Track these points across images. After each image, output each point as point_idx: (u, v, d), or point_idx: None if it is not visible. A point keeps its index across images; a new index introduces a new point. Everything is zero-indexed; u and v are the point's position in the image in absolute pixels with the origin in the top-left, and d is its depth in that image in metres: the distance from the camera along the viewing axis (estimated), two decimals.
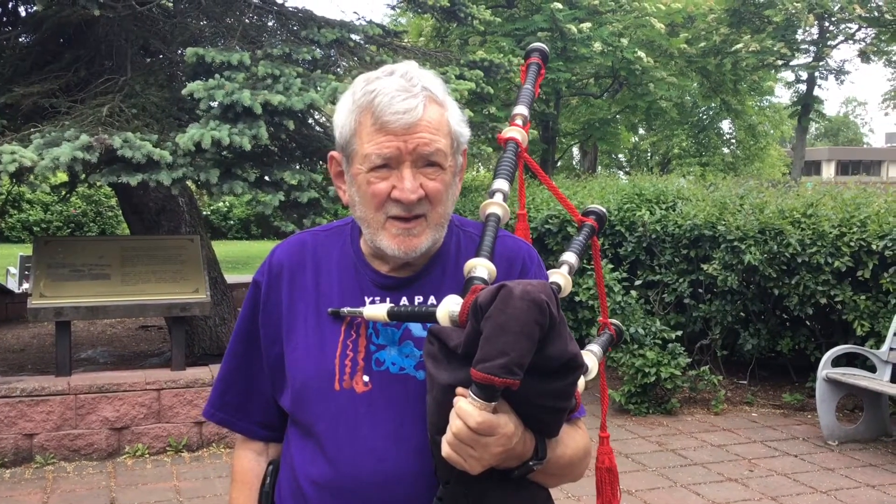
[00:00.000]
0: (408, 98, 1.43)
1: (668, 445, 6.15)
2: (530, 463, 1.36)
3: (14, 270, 11.53)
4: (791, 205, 7.19)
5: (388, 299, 1.53)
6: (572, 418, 1.53)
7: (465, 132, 1.54)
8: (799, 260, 6.69)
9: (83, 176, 6.74)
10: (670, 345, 6.93)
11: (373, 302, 1.53)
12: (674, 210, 8.10)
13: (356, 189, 1.50)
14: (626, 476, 5.47)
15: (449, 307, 1.36)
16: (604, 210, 1.72)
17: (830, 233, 6.61)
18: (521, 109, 1.68)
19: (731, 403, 7.27)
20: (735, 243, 7.04)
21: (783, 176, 29.47)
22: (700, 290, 7.57)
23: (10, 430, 5.51)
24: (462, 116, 1.54)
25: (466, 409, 1.25)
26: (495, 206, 1.53)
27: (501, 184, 1.57)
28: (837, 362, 6.42)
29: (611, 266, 7.33)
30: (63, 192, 9.43)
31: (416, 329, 1.51)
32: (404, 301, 1.53)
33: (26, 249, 12.61)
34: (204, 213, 23.72)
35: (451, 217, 1.60)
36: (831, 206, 7.03)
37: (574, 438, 1.51)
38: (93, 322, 10.36)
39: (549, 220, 8.14)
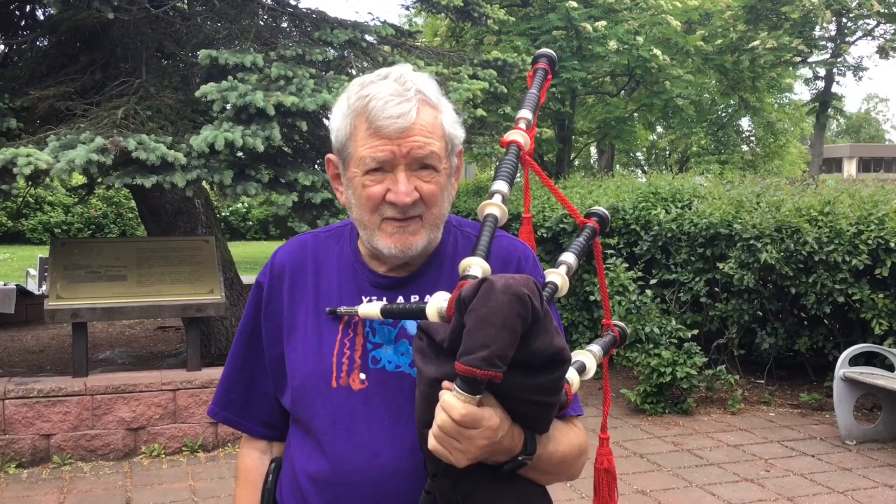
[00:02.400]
0: (401, 102, 1.45)
1: (684, 445, 6.11)
2: (519, 458, 1.37)
3: (34, 272, 11.62)
4: (808, 203, 7.13)
5: (384, 299, 1.55)
6: (566, 416, 1.54)
7: (459, 134, 1.56)
8: (816, 258, 6.64)
9: (99, 178, 6.78)
10: (686, 344, 6.90)
11: (370, 301, 1.55)
12: (689, 208, 8.06)
13: (352, 192, 1.53)
14: (641, 476, 5.46)
15: (437, 303, 1.39)
16: (606, 212, 1.72)
17: (848, 231, 6.55)
18: (525, 114, 1.69)
19: (748, 403, 7.23)
20: (751, 242, 6.99)
21: (803, 174, 29.26)
22: (716, 289, 7.53)
23: (27, 431, 5.56)
24: (457, 118, 1.56)
25: (451, 401, 1.27)
26: (493, 207, 1.55)
27: (501, 185, 1.59)
28: (855, 361, 6.36)
29: (626, 265, 7.30)
30: (82, 194, 9.50)
31: (412, 328, 1.53)
32: (401, 300, 1.55)
33: (46, 251, 12.72)
34: (223, 214, 23.89)
35: (450, 217, 1.63)
36: (849, 204, 6.97)
37: (568, 436, 1.52)
38: (112, 323, 10.43)
39: (564, 220, 8.12)
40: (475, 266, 1.43)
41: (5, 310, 10.00)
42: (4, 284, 10.65)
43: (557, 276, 1.56)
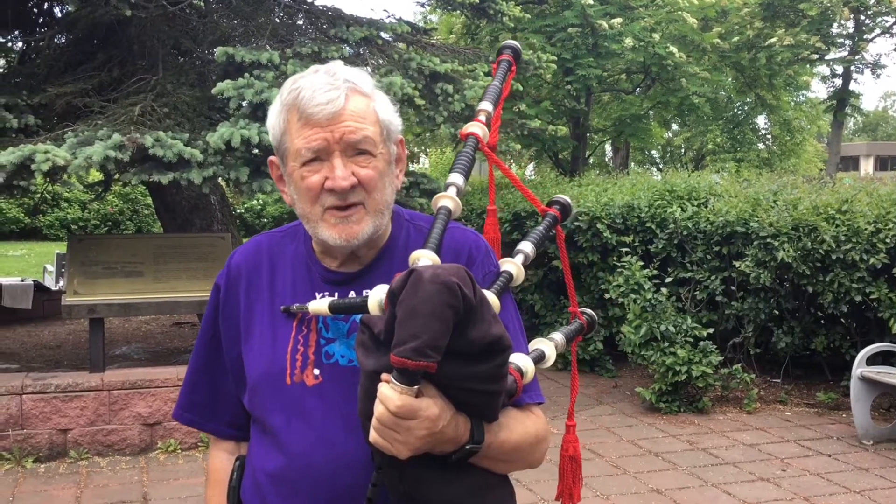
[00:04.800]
0: (330, 90, 1.48)
1: (700, 444, 6.09)
2: (467, 447, 1.37)
3: (51, 268, 11.71)
4: (825, 201, 7.08)
5: (336, 294, 1.57)
6: (522, 403, 1.53)
7: (395, 121, 1.57)
8: (833, 257, 6.60)
9: (116, 175, 6.83)
10: (702, 343, 6.87)
11: (322, 297, 1.57)
12: (706, 206, 8.02)
13: (294, 187, 1.54)
14: (657, 475, 5.44)
15: (378, 296, 1.40)
16: (569, 200, 1.72)
17: (866, 229, 6.51)
18: (486, 106, 1.70)
19: (764, 402, 7.19)
20: (768, 240, 6.95)
21: (819, 171, 29.05)
22: (732, 288, 7.49)
23: (44, 426, 5.60)
24: (392, 108, 1.58)
25: (387, 393, 1.27)
26: (447, 199, 1.56)
27: (456, 178, 1.60)
28: (873, 360, 6.32)
29: (641, 263, 7.27)
30: (99, 190, 9.56)
31: None
32: (352, 295, 1.56)
33: (63, 247, 12.80)
34: (237, 210, 23.95)
35: (403, 211, 1.66)
36: (866, 202, 6.92)
37: (523, 424, 1.51)
38: (127, 319, 10.48)
39: (579, 217, 8.09)
40: (424, 258, 1.43)
41: (22, 305, 10.07)
42: (22, 280, 10.73)
43: (513, 266, 1.57)
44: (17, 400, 5.55)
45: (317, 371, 1.54)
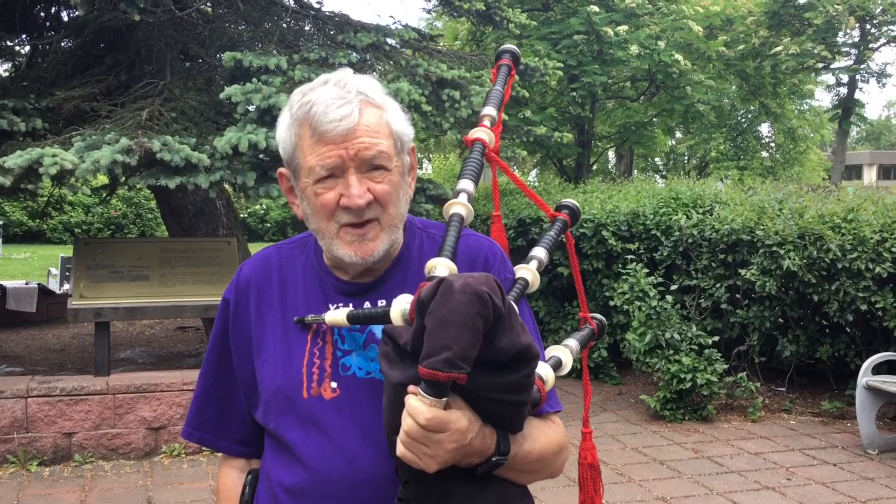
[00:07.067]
0: (343, 105, 1.44)
1: (704, 453, 6.08)
2: (493, 459, 1.34)
3: (55, 271, 11.71)
4: (831, 210, 7.08)
5: (351, 305, 1.54)
6: (543, 412, 1.51)
7: (408, 131, 1.54)
8: (839, 265, 6.59)
9: (123, 178, 6.84)
10: (707, 351, 6.86)
11: (337, 308, 1.54)
12: (711, 214, 8.02)
13: (307, 202, 1.51)
14: (662, 483, 5.43)
15: (401, 305, 1.36)
16: (577, 205, 1.70)
17: (871, 238, 6.50)
18: (490, 111, 1.68)
19: (769, 411, 7.18)
20: (774, 248, 6.94)
21: (823, 181, 29.03)
22: (737, 296, 7.48)
23: (49, 429, 5.60)
24: (404, 116, 1.54)
25: (416, 406, 1.24)
26: (458, 206, 1.53)
27: (466, 184, 1.57)
28: (878, 370, 6.31)
29: (646, 271, 7.26)
30: (104, 194, 9.58)
31: (380, 333, 1.50)
32: (367, 305, 1.54)
33: (67, 250, 12.82)
34: (241, 215, 23.98)
35: (415, 220, 1.63)
36: (872, 212, 6.91)
37: (545, 433, 1.49)
38: (131, 323, 10.50)
39: (584, 224, 8.09)
40: (441, 267, 1.41)
41: (27, 308, 10.08)
42: (26, 283, 10.74)
43: (528, 272, 1.55)
44: (22, 403, 5.56)
45: (334, 384, 1.51)
